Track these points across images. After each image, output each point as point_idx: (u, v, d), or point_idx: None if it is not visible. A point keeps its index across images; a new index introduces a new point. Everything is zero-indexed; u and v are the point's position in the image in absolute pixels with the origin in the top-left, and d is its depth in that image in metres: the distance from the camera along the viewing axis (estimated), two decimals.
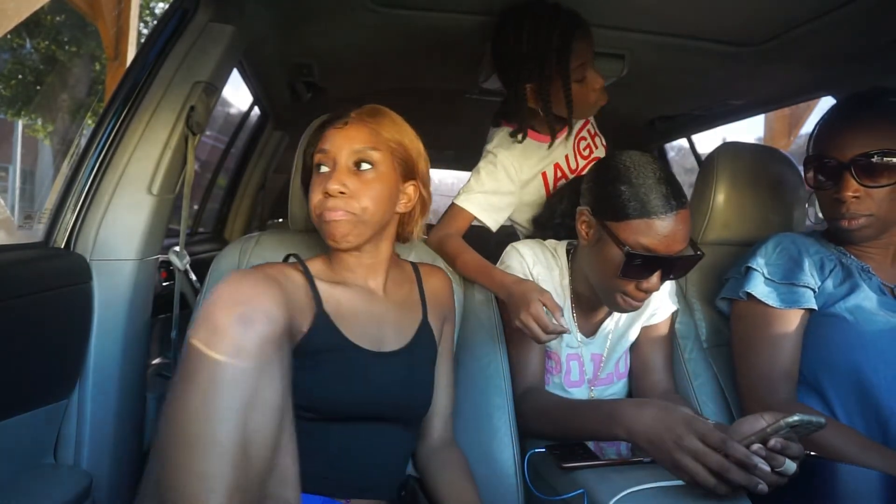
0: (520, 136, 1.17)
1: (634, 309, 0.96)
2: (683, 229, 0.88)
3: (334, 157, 0.84)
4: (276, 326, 0.60)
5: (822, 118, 0.99)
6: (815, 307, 0.97)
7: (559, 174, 1.26)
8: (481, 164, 1.22)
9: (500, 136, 1.22)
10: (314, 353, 0.78)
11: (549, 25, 1.06)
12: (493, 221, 1.22)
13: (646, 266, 0.89)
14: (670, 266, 0.90)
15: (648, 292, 0.92)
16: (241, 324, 0.58)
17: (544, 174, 1.25)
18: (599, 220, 0.93)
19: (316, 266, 0.89)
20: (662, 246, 0.87)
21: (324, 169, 0.84)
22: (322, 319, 0.81)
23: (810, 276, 0.98)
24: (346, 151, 0.83)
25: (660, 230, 0.86)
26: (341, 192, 0.81)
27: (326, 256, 0.91)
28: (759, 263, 1.02)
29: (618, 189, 0.90)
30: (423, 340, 0.90)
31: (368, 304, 0.87)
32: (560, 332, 0.89)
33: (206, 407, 0.56)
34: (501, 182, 1.21)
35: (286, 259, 0.93)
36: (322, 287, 0.85)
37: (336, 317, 0.82)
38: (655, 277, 0.90)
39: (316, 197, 0.83)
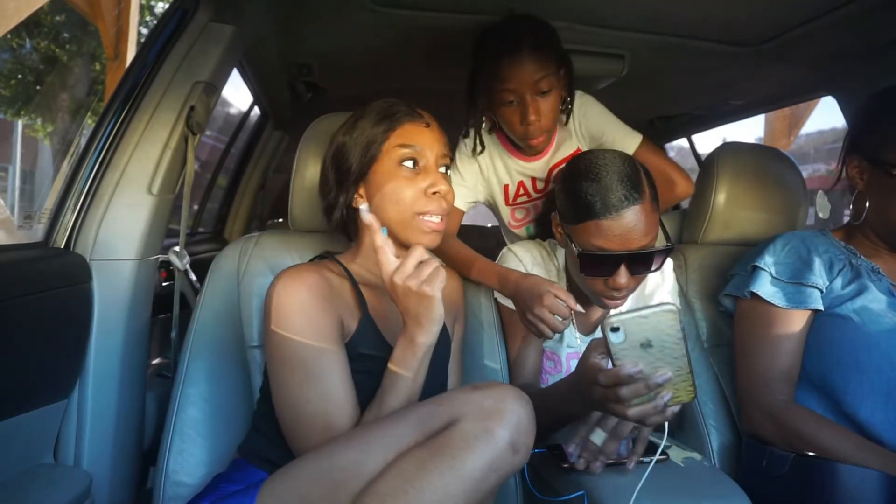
0: (478, 147, 1.18)
1: (617, 306, 0.96)
2: (640, 226, 0.86)
3: (426, 157, 0.84)
4: (525, 462, 0.66)
5: None
6: (822, 308, 0.96)
7: (521, 191, 1.26)
8: (456, 155, 1.23)
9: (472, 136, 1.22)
10: (359, 358, 0.79)
11: (491, 43, 1.07)
12: (468, 204, 1.25)
13: (603, 265, 0.89)
14: (633, 261, 0.89)
15: (618, 290, 0.92)
16: (512, 449, 0.64)
17: (507, 186, 1.25)
18: (563, 223, 0.95)
19: (352, 267, 0.88)
20: (617, 244, 0.87)
21: (411, 164, 0.83)
22: (367, 323, 0.82)
23: (819, 276, 0.97)
24: (437, 153, 0.85)
25: (612, 229, 0.86)
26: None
27: (357, 256, 0.90)
28: (766, 262, 1.01)
29: (570, 193, 0.90)
30: (441, 341, 0.90)
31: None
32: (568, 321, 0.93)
33: (443, 492, 0.61)
34: (473, 167, 1.22)
35: (317, 257, 0.93)
36: (364, 290, 0.85)
37: (378, 321, 0.83)
38: (622, 275, 0.89)
39: (413, 193, 0.82)
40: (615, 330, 0.66)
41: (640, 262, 0.90)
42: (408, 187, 0.82)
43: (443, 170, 0.86)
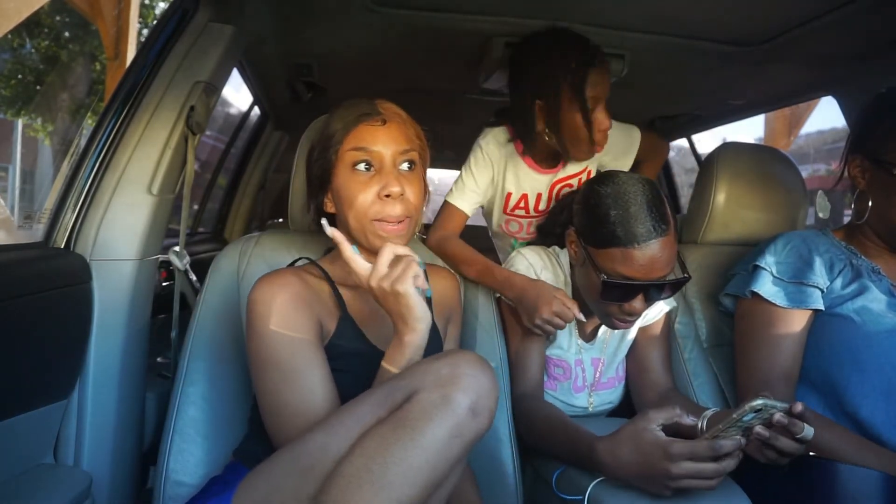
0: (511, 141, 1.19)
1: (625, 328, 0.98)
2: (664, 256, 0.87)
3: (381, 158, 0.82)
4: (489, 426, 0.65)
5: None
6: (822, 308, 0.96)
7: (522, 204, 1.27)
8: (471, 159, 1.23)
9: (494, 133, 1.23)
10: (339, 357, 0.79)
11: (572, 51, 1.08)
12: (473, 207, 1.26)
13: (625, 292, 0.90)
14: (651, 291, 0.90)
15: (633, 315, 0.93)
16: (472, 412, 0.63)
17: (509, 195, 1.26)
18: (583, 243, 0.94)
19: (331, 269, 0.88)
20: (641, 273, 0.87)
21: (365, 168, 0.82)
22: (347, 323, 0.82)
23: (820, 276, 0.97)
24: (393, 152, 0.82)
25: (637, 259, 0.86)
26: (400, 195, 0.81)
27: (334, 257, 0.90)
28: (767, 262, 1.01)
29: (598, 216, 0.90)
30: (432, 341, 0.90)
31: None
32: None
33: (406, 464, 0.60)
34: (488, 175, 1.23)
35: (294, 262, 0.93)
36: (342, 290, 0.85)
37: (358, 320, 0.83)
38: (638, 302, 0.90)
39: (367, 198, 0.81)
40: (757, 411, 0.68)
41: (658, 290, 0.91)
42: (362, 192, 0.81)
43: (405, 166, 0.83)
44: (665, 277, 0.89)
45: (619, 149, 1.28)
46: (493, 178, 1.24)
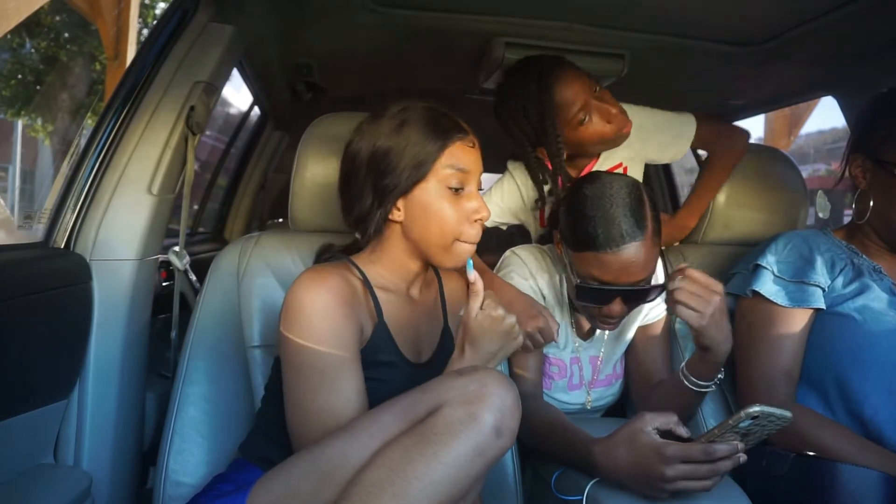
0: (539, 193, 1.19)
1: (610, 329, 0.99)
2: (640, 261, 0.86)
3: (471, 180, 0.82)
4: (511, 446, 0.66)
5: None
6: (823, 307, 0.96)
7: None
8: (502, 181, 1.25)
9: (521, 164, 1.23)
10: (371, 365, 0.78)
11: (527, 75, 1.08)
12: (493, 223, 1.27)
13: (599, 296, 0.90)
14: (627, 295, 0.89)
15: (612, 317, 0.93)
16: (496, 432, 0.63)
17: (542, 211, 1.25)
18: (564, 245, 0.95)
19: (370, 270, 0.85)
20: (613, 277, 0.87)
21: (458, 187, 0.81)
22: (382, 330, 0.81)
23: (821, 275, 0.97)
24: (477, 176, 0.83)
25: (611, 264, 0.86)
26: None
27: (373, 259, 0.87)
28: (768, 261, 1.01)
29: (573, 219, 0.90)
30: (447, 346, 0.90)
31: (410, 313, 0.87)
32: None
33: (428, 479, 0.60)
34: (515, 199, 1.25)
35: (324, 258, 0.91)
36: (380, 295, 0.83)
37: (392, 328, 0.82)
38: (616, 305, 0.90)
39: (457, 218, 0.80)
40: (754, 418, 0.68)
41: (638, 298, 0.91)
42: (452, 211, 0.80)
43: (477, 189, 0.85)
44: (641, 283, 0.88)
45: (657, 139, 1.22)
46: (524, 202, 1.24)
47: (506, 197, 1.24)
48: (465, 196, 0.81)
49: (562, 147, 1.09)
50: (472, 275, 0.75)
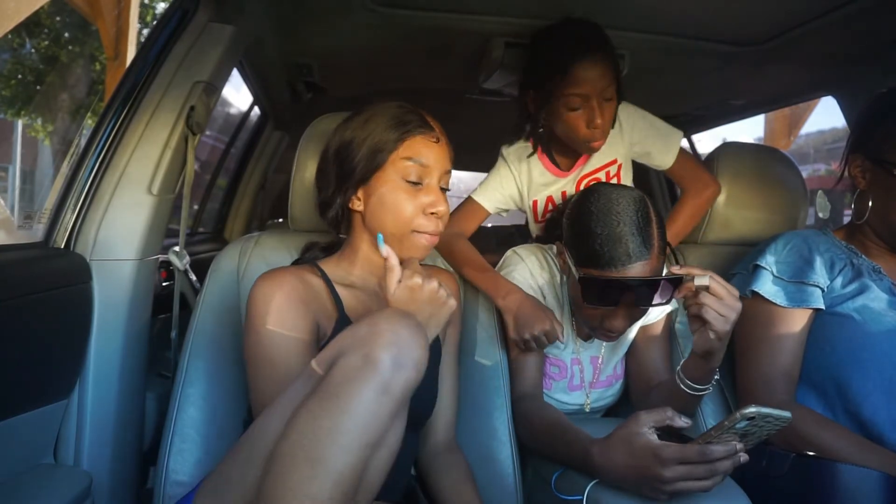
0: (530, 149, 1.19)
1: (610, 341, 0.99)
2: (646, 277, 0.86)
3: (431, 174, 0.83)
4: (419, 375, 0.62)
5: None
6: (823, 307, 0.96)
7: (550, 207, 1.26)
8: (497, 166, 1.24)
9: (517, 146, 1.23)
10: None
11: (566, 43, 1.06)
12: (496, 210, 1.27)
13: (604, 291, 0.88)
14: (633, 288, 0.87)
15: (613, 332, 0.93)
16: (395, 366, 0.60)
17: (535, 202, 1.25)
18: (569, 256, 0.94)
19: (329, 268, 0.88)
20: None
21: (416, 180, 0.82)
22: (344, 323, 0.81)
23: (820, 275, 0.97)
24: (441, 171, 0.84)
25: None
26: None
27: (343, 257, 0.90)
28: (768, 261, 1.01)
29: (580, 233, 0.89)
30: (432, 347, 0.90)
31: (378, 307, 0.86)
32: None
33: (336, 433, 0.57)
34: (511, 185, 1.24)
35: (295, 262, 0.92)
36: (340, 291, 0.85)
37: (354, 321, 0.83)
38: (619, 321, 0.90)
39: (412, 210, 0.81)
40: (751, 418, 0.67)
41: (641, 294, 0.90)
42: (408, 202, 0.82)
43: (443, 185, 0.85)
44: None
45: (653, 145, 1.21)
46: (518, 189, 1.24)
47: (504, 182, 1.23)
48: (423, 190, 0.83)
49: (549, 102, 1.08)
50: (385, 249, 0.76)
